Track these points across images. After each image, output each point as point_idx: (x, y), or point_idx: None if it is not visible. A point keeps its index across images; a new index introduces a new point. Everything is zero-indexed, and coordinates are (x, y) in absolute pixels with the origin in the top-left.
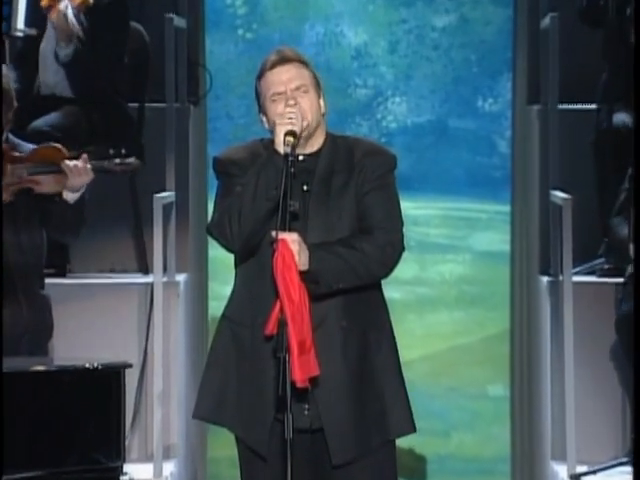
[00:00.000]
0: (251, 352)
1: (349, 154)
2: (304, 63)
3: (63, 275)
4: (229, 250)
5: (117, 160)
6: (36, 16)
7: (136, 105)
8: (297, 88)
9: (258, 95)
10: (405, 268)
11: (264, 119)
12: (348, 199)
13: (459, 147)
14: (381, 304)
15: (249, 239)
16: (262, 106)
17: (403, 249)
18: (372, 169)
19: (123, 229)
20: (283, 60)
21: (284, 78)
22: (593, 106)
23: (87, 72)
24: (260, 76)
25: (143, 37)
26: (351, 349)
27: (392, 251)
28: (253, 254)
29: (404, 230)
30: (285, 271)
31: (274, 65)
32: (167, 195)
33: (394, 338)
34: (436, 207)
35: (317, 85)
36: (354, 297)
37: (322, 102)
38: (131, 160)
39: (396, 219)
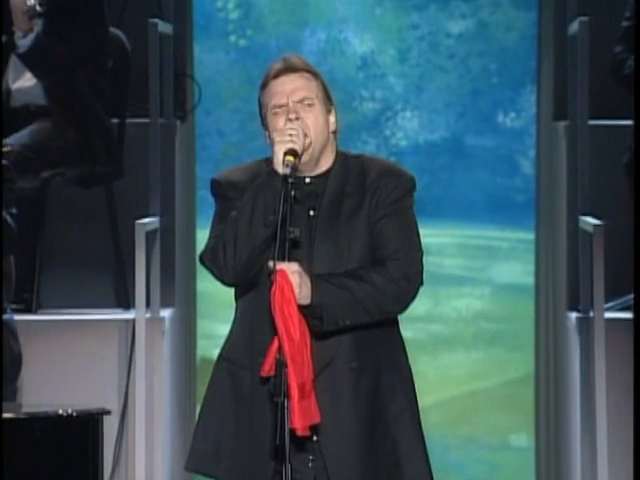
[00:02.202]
0: (250, 396)
1: (362, 175)
2: (313, 74)
3: (29, 311)
4: (223, 282)
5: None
6: (4, 21)
7: (116, 120)
8: (300, 101)
9: (260, 106)
10: (417, 303)
11: (266, 134)
12: (359, 225)
13: (477, 167)
14: (397, 343)
15: (245, 270)
16: (264, 118)
17: (421, 283)
18: (386, 192)
19: (101, 259)
20: (289, 69)
21: (288, 89)
22: (627, 122)
23: (55, 69)
24: (263, 85)
25: (124, 44)
26: (362, 393)
27: (407, 285)
28: (252, 286)
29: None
30: (284, 305)
31: (279, 74)
32: (151, 221)
33: (412, 382)
34: (452, 235)
35: (327, 99)
36: (366, 335)
37: (332, 118)
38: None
39: (414, 249)
